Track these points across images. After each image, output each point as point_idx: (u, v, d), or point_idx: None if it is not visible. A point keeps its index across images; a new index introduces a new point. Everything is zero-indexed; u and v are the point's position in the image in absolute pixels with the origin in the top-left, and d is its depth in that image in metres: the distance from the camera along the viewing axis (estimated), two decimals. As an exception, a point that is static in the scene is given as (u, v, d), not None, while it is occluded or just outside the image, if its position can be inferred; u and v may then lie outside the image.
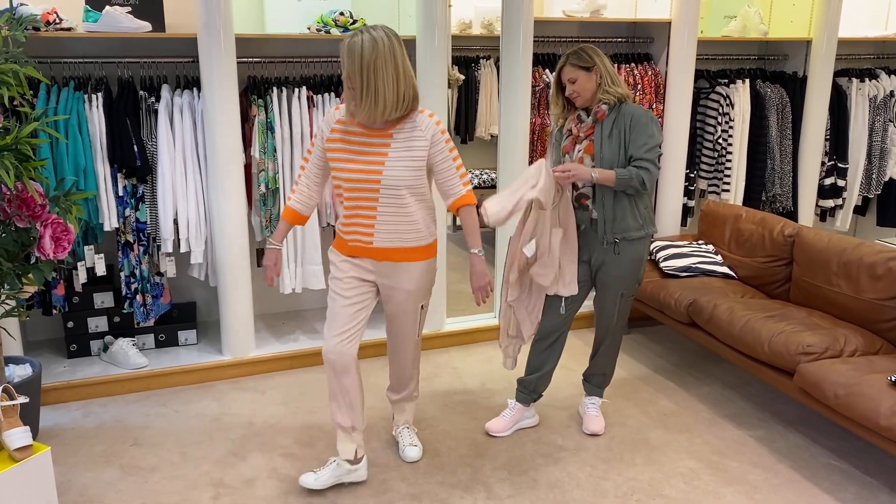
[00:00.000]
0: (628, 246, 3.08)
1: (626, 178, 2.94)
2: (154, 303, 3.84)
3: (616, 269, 3.10)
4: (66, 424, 3.42)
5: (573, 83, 3.01)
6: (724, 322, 3.52)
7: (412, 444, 3.17)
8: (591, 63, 2.99)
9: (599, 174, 2.93)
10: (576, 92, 3.01)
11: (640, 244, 3.11)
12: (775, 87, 4.78)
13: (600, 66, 3.00)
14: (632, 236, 3.07)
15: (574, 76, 3.00)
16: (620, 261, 3.08)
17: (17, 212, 2.93)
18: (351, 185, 2.68)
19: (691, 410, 3.59)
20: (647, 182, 2.95)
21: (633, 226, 3.06)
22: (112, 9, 3.45)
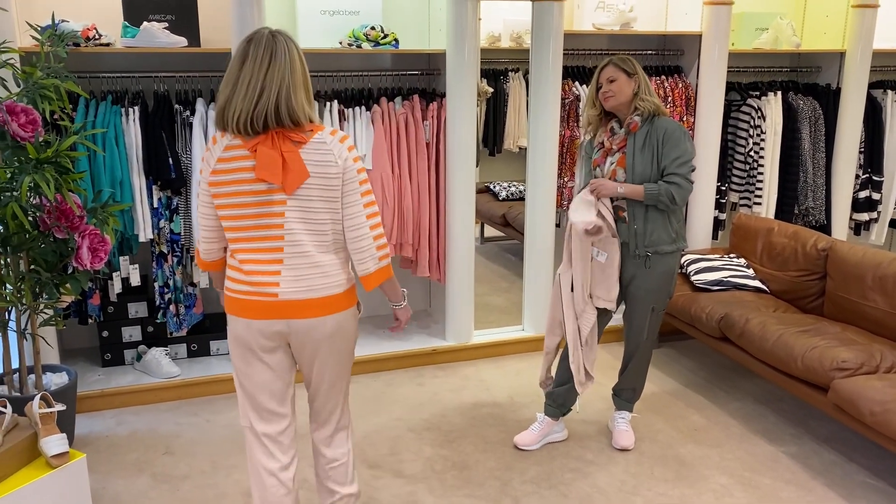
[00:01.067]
0: (659, 260, 3.07)
1: (654, 193, 2.93)
2: (187, 313, 3.90)
3: (647, 282, 3.08)
4: (100, 432, 3.47)
5: (612, 82, 3.03)
6: (757, 336, 3.48)
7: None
8: (634, 70, 3.03)
9: (626, 189, 2.93)
10: (611, 91, 3.02)
11: (672, 258, 3.10)
12: (808, 99, 4.73)
13: (640, 76, 3.04)
14: (663, 250, 3.06)
15: (615, 76, 3.02)
16: (651, 274, 3.07)
17: (56, 223, 2.99)
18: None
19: (722, 426, 3.54)
20: (677, 197, 2.94)
21: (665, 239, 3.05)
22: (149, 24, 3.53)
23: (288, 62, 2.09)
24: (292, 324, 2.20)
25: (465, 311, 4.23)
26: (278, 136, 2.09)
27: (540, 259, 4.28)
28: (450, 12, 3.85)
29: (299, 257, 2.16)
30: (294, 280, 2.17)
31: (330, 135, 2.15)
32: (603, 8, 4.46)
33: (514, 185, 6.21)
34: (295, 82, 2.10)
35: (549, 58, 4.02)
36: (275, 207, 2.14)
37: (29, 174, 2.80)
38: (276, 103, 2.07)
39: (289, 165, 2.09)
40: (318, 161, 2.12)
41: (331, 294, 2.21)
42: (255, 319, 2.20)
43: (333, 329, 2.25)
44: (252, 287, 2.18)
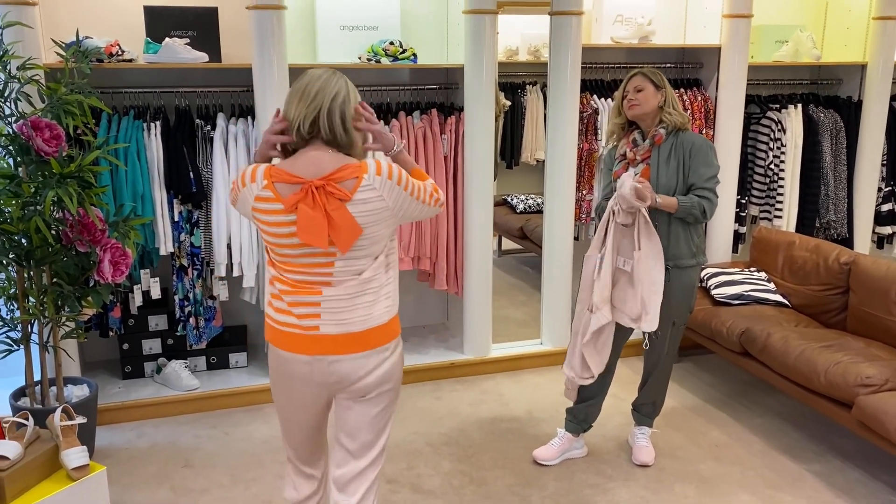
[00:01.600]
0: (680, 273, 3.05)
1: (687, 206, 2.93)
2: (206, 325, 3.92)
3: (667, 296, 3.06)
4: (120, 444, 3.49)
5: (639, 91, 3.02)
6: (779, 352, 3.44)
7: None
8: (662, 84, 3.03)
9: (662, 199, 2.91)
10: (637, 101, 3.02)
11: (692, 272, 3.08)
12: (829, 111, 4.69)
13: (668, 91, 3.04)
14: (684, 264, 3.04)
15: (642, 86, 3.02)
16: (672, 288, 3.04)
17: (78, 236, 3.03)
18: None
19: (744, 442, 3.50)
20: (707, 212, 2.94)
21: (686, 253, 3.03)
22: (171, 41, 3.57)
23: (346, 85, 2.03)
24: (333, 362, 2.05)
25: (483, 325, 4.22)
26: (319, 192, 1.92)
27: (558, 272, 4.27)
28: (468, 27, 3.87)
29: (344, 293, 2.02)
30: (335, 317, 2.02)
31: (376, 175, 1.96)
32: (621, 21, 4.46)
33: (532, 197, 6.21)
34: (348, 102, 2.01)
35: (567, 71, 4.02)
36: (321, 258, 1.99)
37: (52, 188, 2.84)
38: (329, 107, 1.97)
39: (337, 223, 1.92)
40: (370, 211, 1.96)
41: (375, 326, 2.06)
42: (293, 352, 2.07)
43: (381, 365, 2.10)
44: (294, 320, 2.04)
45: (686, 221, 3.00)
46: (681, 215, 2.95)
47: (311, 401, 2.15)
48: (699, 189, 2.96)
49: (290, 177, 1.95)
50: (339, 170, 1.95)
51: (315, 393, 2.12)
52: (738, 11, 4.25)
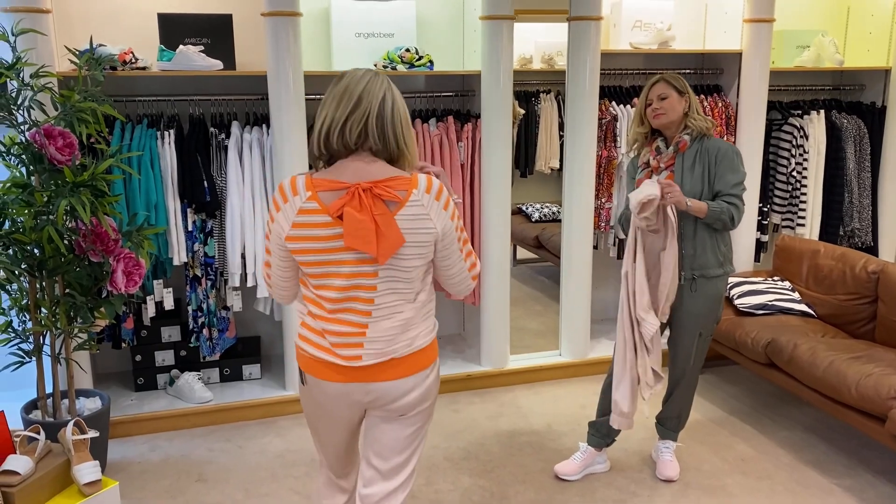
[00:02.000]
0: (706, 283, 2.96)
1: (717, 212, 2.84)
2: (220, 337, 3.86)
3: (693, 306, 2.98)
4: (132, 458, 3.43)
5: (663, 99, 2.94)
6: (806, 363, 3.35)
7: None
8: (685, 89, 2.95)
9: (693, 203, 2.83)
10: (662, 109, 2.93)
11: (719, 281, 2.99)
12: (852, 117, 4.61)
13: (691, 96, 2.96)
14: (710, 273, 2.96)
15: (666, 94, 2.94)
16: (698, 298, 2.96)
17: (91, 246, 2.98)
18: None
19: (771, 456, 3.40)
20: (735, 219, 2.86)
21: (712, 262, 2.95)
22: (185, 48, 3.53)
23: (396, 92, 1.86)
24: (374, 388, 1.94)
25: (500, 335, 4.14)
26: (366, 195, 1.78)
27: (577, 282, 4.19)
28: (484, 33, 3.81)
29: (386, 321, 1.90)
30: (377, 347, 1.90)
31: (426, 192, 1.83)
32: (640, 27, 4.39)
33: (547, 206, 6.13)
34: (397, 105, 1.84)
35: (585, 77, 3.96)
36: (364, 280, 1.86)
37: (65, 197, 2.79)
38: (378, 112, 1.80)
39: (382, 231, 1.78)
40: (415, 228, 1.83)
41: (416, 350, 1.95)
42: (329, 381, 1.94)
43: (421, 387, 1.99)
44: (329, 346, 1.92)
45: (713, 228, 2.92)
46: (709, 221, 2.86)
47: (345, 419, 2.05)
48: (726, 196, 2.87)
49: (333, 183, 1.81)
50: (390, 179, 1.82)
51: (350, 412, 2.03)
52: (759, 16, 4.18)
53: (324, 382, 1.96)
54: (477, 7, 3.91)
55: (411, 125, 1.91)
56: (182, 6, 3.77)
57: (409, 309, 1.93)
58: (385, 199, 1.81)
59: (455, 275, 1.99)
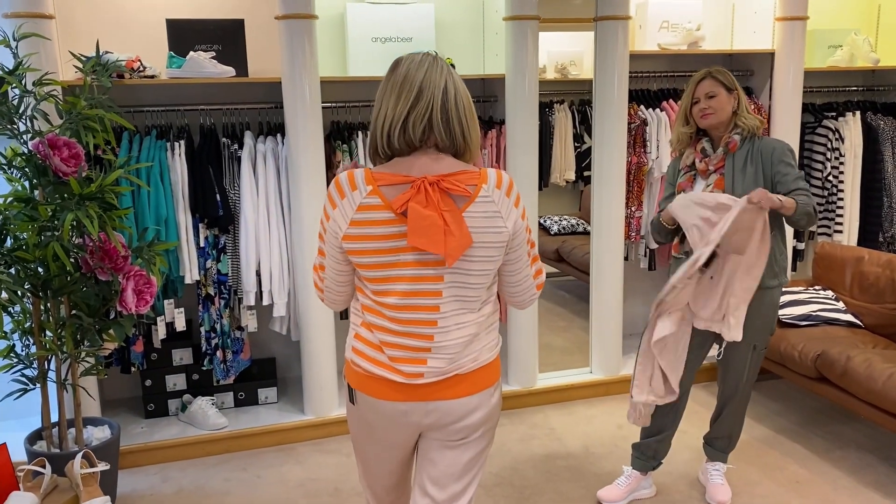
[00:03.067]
0: (762, 294, 2.75)
1: (804, 204, 2.59)
2: (234, 359, 3.65)
3: (749, 318, 2.76)
4: (143, 490, 3.21)
5: (711, 98, 2.73)
6: (863, 376, 3.13)
7: None
8: (734, 86, 2.75)
9: (784, 199, 2.58)
10: (711, 108, 2.73)
11: (775, 292, 2.80)
12: (888, 119, 4.42)
13: (739, 92, 2.76)
14: (767, 284, 2.75)
15: (715, 92, 2.73)
16: (753, 309, 2.75)
17: (99, 264, 2.78)
18: None
19: (827, 477, 3.18)
20: (816, 212, 2.65)
21: (768, 272, 2.74)
22: (196, 54, 3.35)
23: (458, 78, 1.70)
24: (436, 407, 1.74)
25: (529, 353, 3.93)
26: (433, 189, 1.62)
27: (607, 295, 3.98)
28: (508, 34, 3.64)
29: (451, 335, 1.71)
30: (442, 365, 1.71)
31: (496, 188, 1.67)
32: (667, 28, 4.22)
33: (566, 218, 5.94)
34: (464, 97, 1.68)
35: (614, 80, 3.78)
36: (429, 285, 1.68)
37: (71, 211, 2.60)
38: (442, 103, 1.63)
39: (450, 229, 1.61)
40: (485, 227, 1.66)
41: (481, 366, 1.76)
42: (386, 400, 1.74)
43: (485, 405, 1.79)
44: (388, 362, 1.73)
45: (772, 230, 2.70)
46: (798, 216, 2.61)
47: (399, 444, 1.84)
48: (795, 191, 2.65)
49: (396, 177, 1.65)
50: (459, 172, 1.66)
51: (405, 436, 1.81)
52: (792, 14, 4.00)
53: (379, 402, 1.75)
54: (499, 9, 3.75)
55: (475, 114, 1.73)
56: (192, 11, 3.61)
57: (474, 319, 1.73)
58: (453, 194, 1.64)
59: (521, 281, 1.80)
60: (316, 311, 3.53)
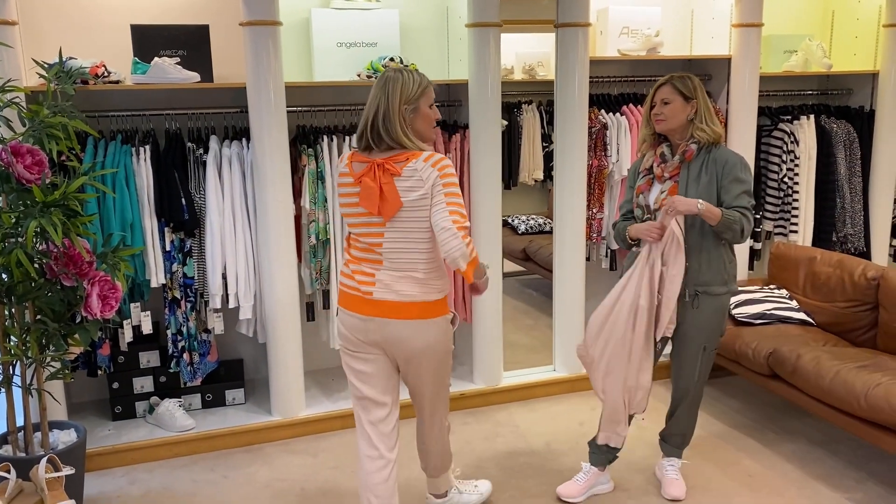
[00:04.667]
0: (710, 299, 2.85)
1: (730, 220, 2.70)
2: (201, 361, 3.69)
3: (697, 320, 2.87)
4: (110, 492, 3.24)
5: (665, 104, 2.81)
6: (811, 374, 3.25)
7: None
8: (692, 95, 2.81)
9: (705, 206, 2.68)
10: (663, 115, 2.82)
11: (723, 298, 2.89)
12: (841, 122, 4.56)
13: (699, 102, 2.82)
14: (715, 291, 2.85)
15: (669, 99, 2.81)
16: (701, 313, 2.86)
17: (63, 269, 2.81)
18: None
19: (778, 471, 3.30)
20: (746, 231, 2.73)
21: (717, 280, 2.83)
22: (161, 60, 3.38)
23: (390, 92, 2.37)
24: (385, 324, 2.45)
25: (493, 352, 4.01)
26: (379, 168, 2.35)
27: (570, 295, 4.07)
28: (471, 41, 3.70)
29: (394, 271, 2.43)
30: (386, 287, 2.43)
31: (423, 161, 2.34)
32: (627, 33, 4.32)
33: (533, 218, 6.03)
34: (391, 108, 2.36)
35: (574, 85, 3.86)
36: (374, 228, 2.42)
37: (35, 218, 2.62)
38: (373, 120, 2.39)
39: (385, 196, 2.34)
40: (410, 188, 2.34)
41: (420, 301, 2.44)
42: (353, 312, 2.49)
43: (424, 334, 2.47)
44: (355, 284, 2.48)
45: (721, 243, 2.80)
46: (721, 229, 2.72)
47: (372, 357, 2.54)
48: (735, 208, 2.74)
49: (363, 158, 2.43)
50: (397, 156, 2.37)
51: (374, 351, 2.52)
52: (748, 20, 4.12)
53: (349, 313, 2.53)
54: (462, 15, 3.81)
55: (415, 109, 2.41)
56: (157, 17, 3.63)
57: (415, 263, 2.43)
58: (391, 173, 2.35)
59: (440, 222, 2.32)
60: (282, 314, 3.58)
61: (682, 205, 2.69)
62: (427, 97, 2.44)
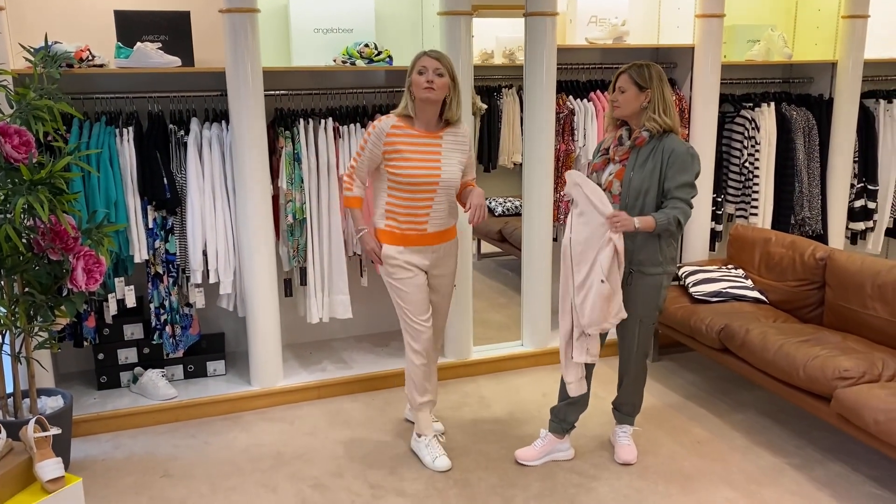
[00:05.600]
0: (642, 278, 3.04)
1: (664, 224, 2.88)
2: (183, 334, 3.86)
3: (632, 295, 3.05)
4: (96, 456, 3.42)
5: (621, 92, 2.98)
6: (758, 347, 3.46)
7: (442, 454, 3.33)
8: (647, 85, 2.94)
9: (641, 223, 2.86)
10: (617, 102, 2.99)
11: (656, 278, 3.07)
12: (801, 109, 4.75)
13: (655, 92, 2.95)
14: (648, 271, 3.03)
15: (625, 87, 2.97)
16: (636, 290, 3.04)
17: (50, 244, 2.97)
18: (411, 181, 3.06)
19: (726, 438, 3.52)
20: (682, 222, 2.91)
21: (651, 261, 3.01)
22: (143, 45, 3.52)
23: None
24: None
25: (463, 327, 4.20)
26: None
27: (537, 274, 4.26)
28: (443, 28, 3.86)
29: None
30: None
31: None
32: (595, 22, 4.48)
33: (510, 200, 6.20)
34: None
35: (542, 72, 4.03)
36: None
37: (23, 196, 2.79)
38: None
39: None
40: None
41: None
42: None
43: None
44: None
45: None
46: (659, 232, 2.92)
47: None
48: (672, 199, 2.91)
49: None
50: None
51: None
52: (710, 11, 4.29)
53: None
54: (435, 3, 3.96)
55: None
56: (139, 3, 3.76)
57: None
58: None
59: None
60: (261, 289, 3.75)
61: (621, 227, 2.83)
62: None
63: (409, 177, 3.05)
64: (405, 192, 3.08)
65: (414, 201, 3.09)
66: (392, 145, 3.06)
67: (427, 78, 3.01)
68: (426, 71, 3.02)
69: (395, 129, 3.08)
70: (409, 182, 3.06)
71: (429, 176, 3.06)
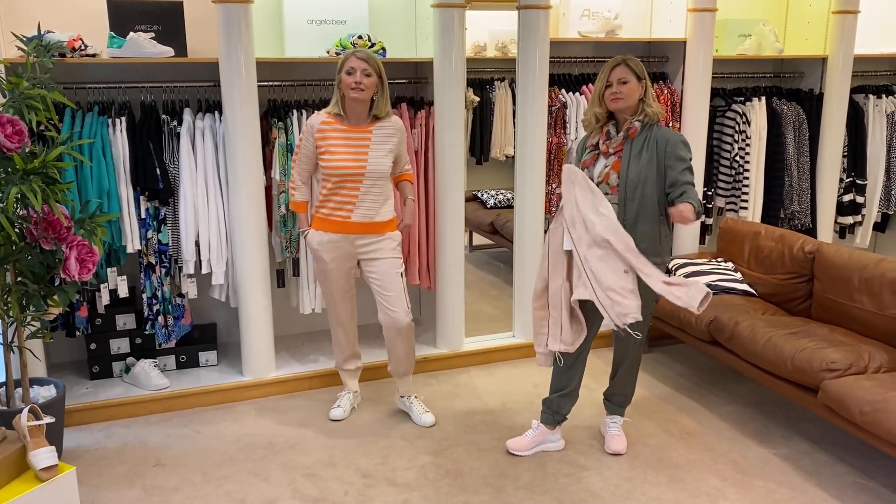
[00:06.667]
0: None
1: (698, 207, 2.92)
2: (175, 324, 3.87)
3: None
4: (89, 445, 3.43)
5: (623, 84, 2.99)
6: (746, 339, 3.50)
7: (425, 410, 3.62)
8: (643, 75, 3.02)
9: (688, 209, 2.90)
10: (621, 94, 2.99)
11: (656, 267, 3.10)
12: (791, 104, 4.78)
13: (647, 82, 3.03)
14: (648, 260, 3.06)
15: (626, 78, 2.99)
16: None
17: (43, 234, 2.97)
18: (339, 174, 3.27)
19: (714, 429, 3.56)
20: (700, 202, 2.98)
21: (651, 252, 3.03)
22: (136, 35, 3.52)
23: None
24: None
25: (455, 319, 4.23)
26: None
27: (529, 266, 4.28)
28: (436, 21, 3.87)
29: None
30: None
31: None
32: (588, 16, 4.50)
33: (502, 192, 6.23)
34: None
35: (535, 65, 4.05)
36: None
37: (16, 185, 2.79)
38: None
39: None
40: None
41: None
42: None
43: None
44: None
45: (658, 216, 3.01)
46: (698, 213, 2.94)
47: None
48: (684, 184, 2.94)
49: None
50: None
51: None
52: (702, 6, 4.31)
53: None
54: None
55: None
56: (132, -7, 3.75)
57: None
58: None
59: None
60: (253, 279, 3.76)
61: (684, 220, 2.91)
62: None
63: (337, 168, 3.26)
64: (334, 182, 3.30)
65: (343, 190, 3.30)
66: (324, 140, 3.28)
67: (355, 79, 3.18)
68: (354, 72, 3.18)
69: (324, 126, 3.30)
70: (337, 174, 3.27)
71: (355, 167, 3.27)
